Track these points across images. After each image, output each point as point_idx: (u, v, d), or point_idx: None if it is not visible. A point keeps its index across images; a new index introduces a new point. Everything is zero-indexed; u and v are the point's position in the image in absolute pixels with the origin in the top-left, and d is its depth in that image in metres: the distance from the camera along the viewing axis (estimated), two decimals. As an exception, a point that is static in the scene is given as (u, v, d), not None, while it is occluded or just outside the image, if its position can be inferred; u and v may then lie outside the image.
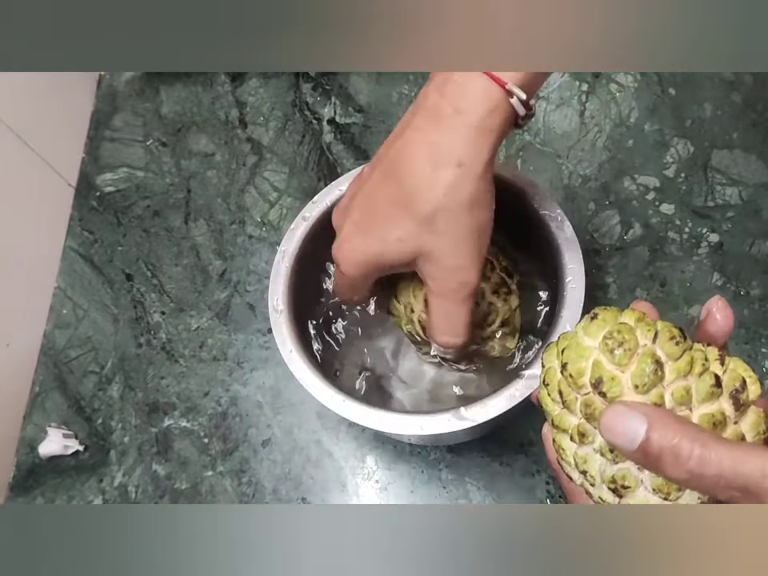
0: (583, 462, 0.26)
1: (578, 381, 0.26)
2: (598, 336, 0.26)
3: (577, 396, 0.26)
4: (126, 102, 0.68)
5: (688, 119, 0.61)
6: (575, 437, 0.26)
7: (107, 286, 0.61)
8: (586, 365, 0.26)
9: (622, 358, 0.25)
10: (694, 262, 0.55)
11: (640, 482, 0.25)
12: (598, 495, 0.26)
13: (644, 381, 0.24)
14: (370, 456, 0.52)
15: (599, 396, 0.25)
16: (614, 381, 0.25)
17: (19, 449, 0.56)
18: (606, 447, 0.25)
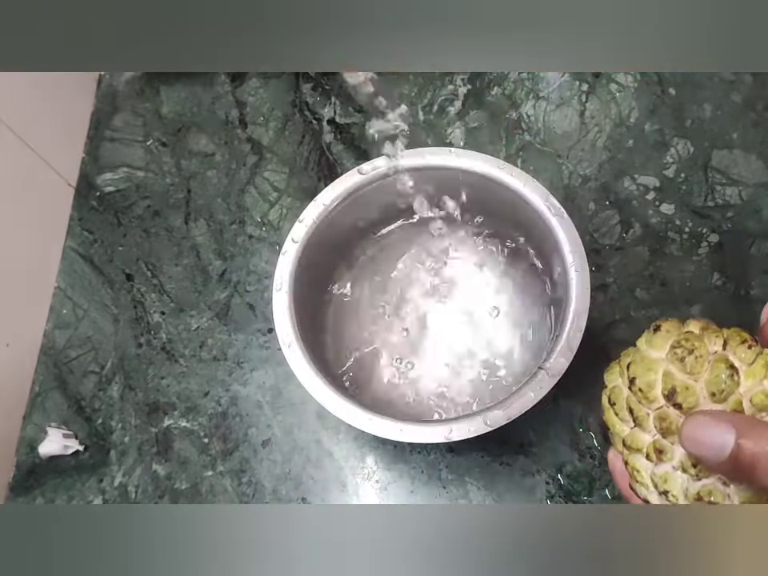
0: (663, 482, 0.24)
1: (648, 395, 0.24)
2: (665, 347, 0.25)
3: (649, 411, 0.25)
4: (126, 102, 0.68)
5: (688, 119, 0.61)
6: (651, 455, 0.25)
7: (107, 286, 0.61)
8: (656, 377, 0.24)
9: (693, 366, 0.24)
10: (693, 262, 0.55)
11: (727, 497, 0.23)
12: None
13: (720, 388, 0.23)
14: (369, 456, 0.52)
15: (674, 408, 0.24)
16: (688, 391, 0.24)
17: (19, 449, 0.56)
18: (688, 462, 0.24)
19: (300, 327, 0.43)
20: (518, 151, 0.61)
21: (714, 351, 0.24)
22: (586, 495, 0.49)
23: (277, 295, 0.43)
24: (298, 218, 0.46)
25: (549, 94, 0.63)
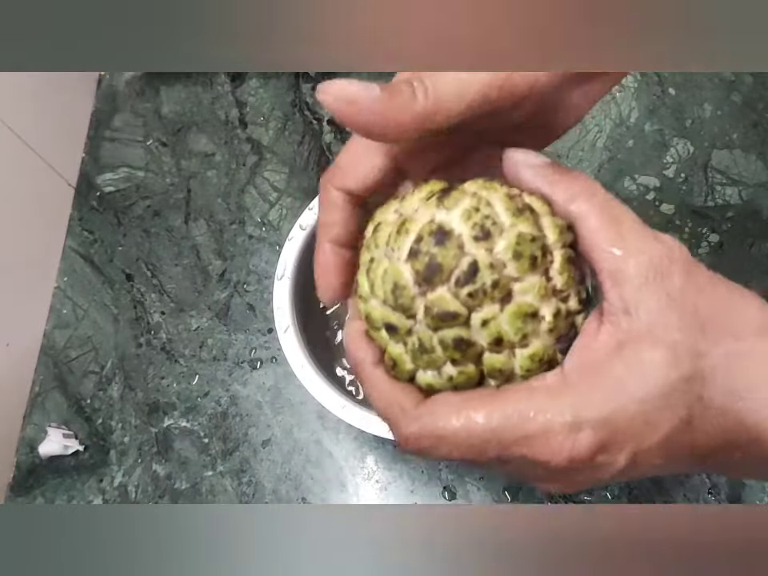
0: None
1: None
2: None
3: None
4: (126, 102, 0.68)
5: (688, 119, 0.61)
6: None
7: (107, 286, 0.61)
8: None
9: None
10: (694, 262, 0.55)
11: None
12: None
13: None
14: (370, 456, 0.52)
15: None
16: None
17: (19, 449, 0.56)
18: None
19: (298, 314, 0.43)
20: (517, 151, 0.61)
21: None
22: (586, 495, 0.49)
23: (278, 283, 0.43)
24: (297, 217, 0.46)
25: (549, 94, 0.63)
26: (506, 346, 0.23)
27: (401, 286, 0.24)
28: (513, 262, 0.23)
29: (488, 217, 0.23)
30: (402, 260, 0.24)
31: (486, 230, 0.23)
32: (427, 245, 0.23)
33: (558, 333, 0.24)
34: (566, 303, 0.24)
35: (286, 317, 0.42)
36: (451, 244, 0.23)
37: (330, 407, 0.40)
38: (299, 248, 0.44)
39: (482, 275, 0.23)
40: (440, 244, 0.23)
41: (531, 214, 0.24)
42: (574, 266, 0.24)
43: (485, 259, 0.23)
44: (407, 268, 0.24)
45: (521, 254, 0.23)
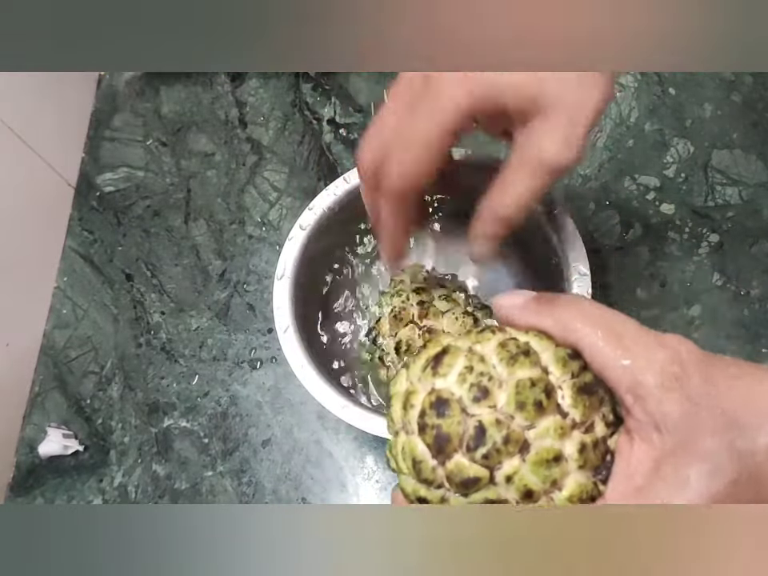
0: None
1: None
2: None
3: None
4: (126, 102, 0.68)
5: (688, 119, 0.61)
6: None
7: (107, 286, 0.61)
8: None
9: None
10: (694, 262, 0.55)
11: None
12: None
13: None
14: (369, 456, 0.52)
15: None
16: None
17: (19, 449, 0.56)
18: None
19: (298, 315, 0.43)
20: (518, 151, 0.61)
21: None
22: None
23: (278, 283, 0.43)
24: (297, 217, 0.46)
25: (549, 93, 0.63)
26: (537, 496, 0.23)
27: (419, 460, 0.24)
28: (518, 412, 0.23)
29: (483, 374, 0.23)
30: (415, 434, 0.24)
31: (482, 387, 0.23)
32: (431, 417, 0.23)
33: (591, 465, 0.23)
34: (591, 432, 0.23)
35: (286, 317, 0.42)
36: (453, 411, 0.23)
37: (329, 407, 0.40)
38: (299, 248, 0.44)
39: (490, 434, 0.22)
40: (442, 414, 0.23)
41: (527, 357, 0.23)
42: (589, 393, 0.23)
43: (489, 418, 0.23)
44: (420, 442, 0.24)
45: (524, 402, 0.23)
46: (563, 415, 0.23)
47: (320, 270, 0.49)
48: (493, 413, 0.23)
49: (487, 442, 0.22)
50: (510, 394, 0.23)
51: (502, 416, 0.23)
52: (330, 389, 0.41)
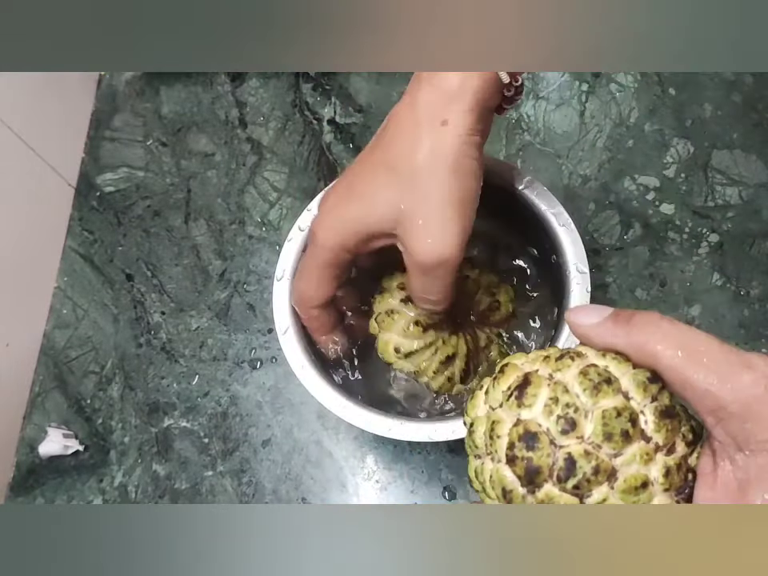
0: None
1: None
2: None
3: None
4: (126, 102, 0.68)
5: (688, 119, 0.61)
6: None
7: (107, 286, 0.61)
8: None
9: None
10: (694, 262, 0.55)
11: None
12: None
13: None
14: (369, 456, 0.52)
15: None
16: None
17: (19, 449, 0.56)
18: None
19: (298, 315, 0.43)
20: (517, 151, 0.61)
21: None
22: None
23: (277, 284, 0.43)
24: (297, 217, 0.46)
25: (549, 94, 0.63)
26: None
27: (509, 489, 0.24)
28: (606, 442, 0.23)
29: (568, 405, 0.24)
30: (503, 462, 0.24)
31: (569, 420, 0.23)
32: (521, 450, 0.24)
33: (675, 487, 0.24)
34: (672, 454, 0.24)
35: (286, 318, 0.42)
36: (542, 444, 0.24)
37: (330, 407, 0.40)
38: (298, 249, 0.44)
39: (580, 465, 0.23)
40: (532, 447, 0.24)
41: (610, 385, 0.24)
42: (671, 417, 0.24)
43: (578, 449, 0.23)
44: (509, 472, 0.24)
45: (611, 433, 0.23)
46: (647, 440, 0.23)
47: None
48: (581, 443, 0.23)
49: (577, 473, 0.23)
50: (597, 425, 0.23)
51: (590, 447, 0.23)
52: (331, 389, 0.41)
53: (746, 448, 0.22)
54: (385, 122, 0.36)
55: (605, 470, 0.23)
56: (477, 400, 0.27)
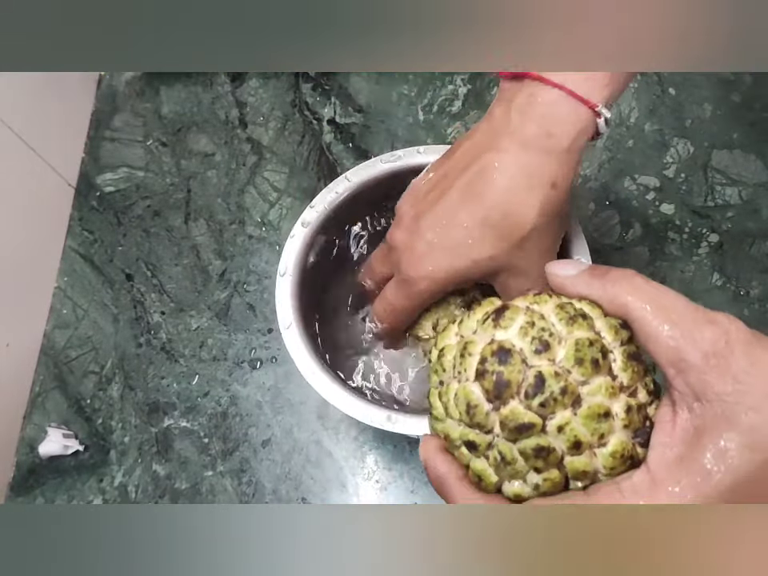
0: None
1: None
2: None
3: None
4: (126, 102, 0.68)
5: (688, 119, 0.61)
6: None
7: (107, 286, 0.61)
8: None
9: None
10: (694, 262, 0.55)
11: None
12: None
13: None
14: (369, 456, 0.52)
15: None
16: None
17: (19, 449, 0.56)
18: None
19: (300, 311, 0.43)
20: (517, 151, 0.61)
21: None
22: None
23: (281, 279, 0.43)
24: (298, 217, 0.46)
25: (549, 93, 0.63)
26: (585, 447, 0.24)
27: (473, 405, 0.25)
28: (576, 367, 0.24)
29: (544, 329, 0.25)
30: (470, 380, 0.25)
31: (544, 341, 0.24)
32: (492, 364, 0.25)
33: (633, 427, 0.24)
34: (635, 398, 0.25)
35: (289, 314, 0.42)
36: (514, 360, 0.24)
37: (335, 403, 0.40)
38: (301, 245, 0.44)
39: (549, 384, 0.24)
40: (504, 362, 0.24)
41: (585, 320, 0.25)
42: (637, 361, 0.25)
43: (549, 369, 0.24)
44: (476, 387, 0.25)
45: (582, 359, 0.24)
46: (613, 377, 0.25)
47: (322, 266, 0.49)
48: (552, 365, 0.24)
49: (545, 391, 0.24)
50: (569, 350, 0.24)
51: (561, 369, 0.24)
52: (325, 373, 0.41)
53: (704, 398, 0.23)
54: (474, 162, 0.35)
55: (571, 392, 0.24)
56: (448, 332, 0.28)
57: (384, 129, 0.64)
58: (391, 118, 0.64)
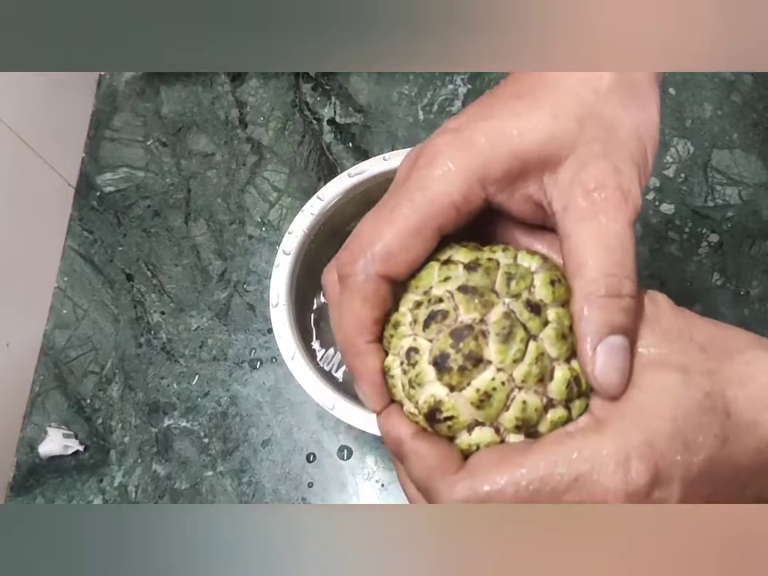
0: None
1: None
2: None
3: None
4: (126, 102, 0.68)
5: (688, 119, 0.61)
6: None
7: (107, 286, 0.61)
8: None
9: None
10: (694, 262, 0.55)
11: None
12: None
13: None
14: (369, 456, 0.52)
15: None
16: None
17: (19, 449, 0.56)
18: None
19: (301, 337, 0.43)
20: (518, 151, 0.61)
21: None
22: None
23: (274, 311, 0.43)
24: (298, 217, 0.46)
25: (549, 93, 0.63)
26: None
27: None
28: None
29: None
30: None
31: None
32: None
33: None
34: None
35: (291, 345, 0.42)
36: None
37: (326, 407, 0.40)
38: (288, 273, 0.44)
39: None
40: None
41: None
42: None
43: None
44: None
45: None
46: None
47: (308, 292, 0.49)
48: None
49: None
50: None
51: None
52: (337, 393, 0.41)
53: (639, 347, 0.24)
54: None
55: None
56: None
57: (384, 129, 0.64)
58: (391, 118, 0.64)
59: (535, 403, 0.24)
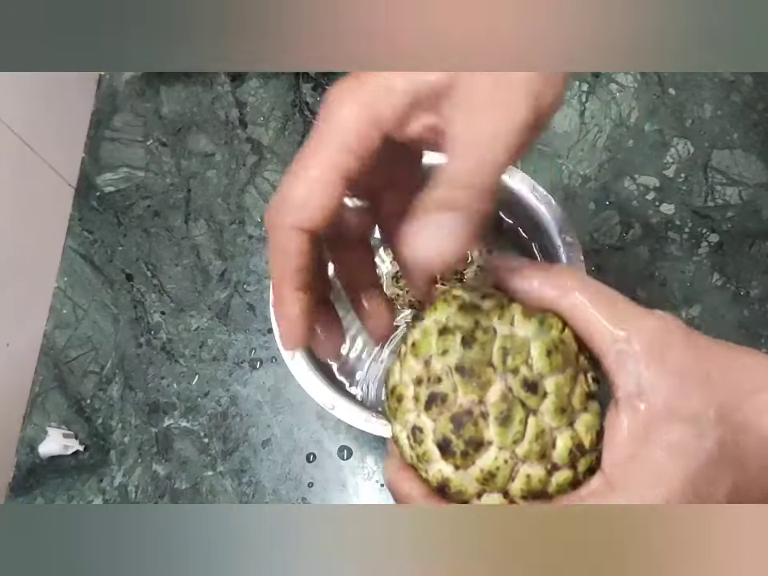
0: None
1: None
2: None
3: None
4: (126, 102, 0.68)
5: (688, 119, 0.61)
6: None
7: (107, 286, 0.61)
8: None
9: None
10: (694, 262, 0.55)
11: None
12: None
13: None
14: (369, 456, 0.52)
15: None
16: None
17: (19, 449, 0.56)
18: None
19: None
20: (517, 151, 0.61)
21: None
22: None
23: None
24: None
25: (549, 94, 0.63)
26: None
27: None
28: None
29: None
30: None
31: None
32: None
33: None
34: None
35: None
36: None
37: (326, 407, 0.40)
38: None
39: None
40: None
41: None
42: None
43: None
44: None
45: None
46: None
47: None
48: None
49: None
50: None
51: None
52: (337, 394, 0.41)
53: (648, 392, 0.23)
54: None
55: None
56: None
57: (384, 129, 0.64)
58: (391, 118, 0.64)
59: (539, 474, 0.24)
